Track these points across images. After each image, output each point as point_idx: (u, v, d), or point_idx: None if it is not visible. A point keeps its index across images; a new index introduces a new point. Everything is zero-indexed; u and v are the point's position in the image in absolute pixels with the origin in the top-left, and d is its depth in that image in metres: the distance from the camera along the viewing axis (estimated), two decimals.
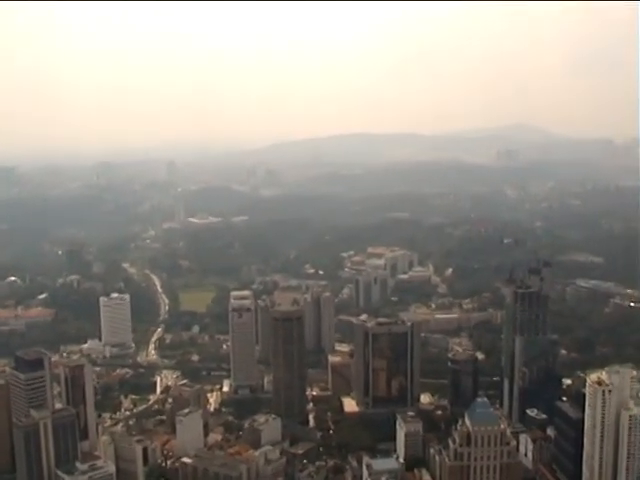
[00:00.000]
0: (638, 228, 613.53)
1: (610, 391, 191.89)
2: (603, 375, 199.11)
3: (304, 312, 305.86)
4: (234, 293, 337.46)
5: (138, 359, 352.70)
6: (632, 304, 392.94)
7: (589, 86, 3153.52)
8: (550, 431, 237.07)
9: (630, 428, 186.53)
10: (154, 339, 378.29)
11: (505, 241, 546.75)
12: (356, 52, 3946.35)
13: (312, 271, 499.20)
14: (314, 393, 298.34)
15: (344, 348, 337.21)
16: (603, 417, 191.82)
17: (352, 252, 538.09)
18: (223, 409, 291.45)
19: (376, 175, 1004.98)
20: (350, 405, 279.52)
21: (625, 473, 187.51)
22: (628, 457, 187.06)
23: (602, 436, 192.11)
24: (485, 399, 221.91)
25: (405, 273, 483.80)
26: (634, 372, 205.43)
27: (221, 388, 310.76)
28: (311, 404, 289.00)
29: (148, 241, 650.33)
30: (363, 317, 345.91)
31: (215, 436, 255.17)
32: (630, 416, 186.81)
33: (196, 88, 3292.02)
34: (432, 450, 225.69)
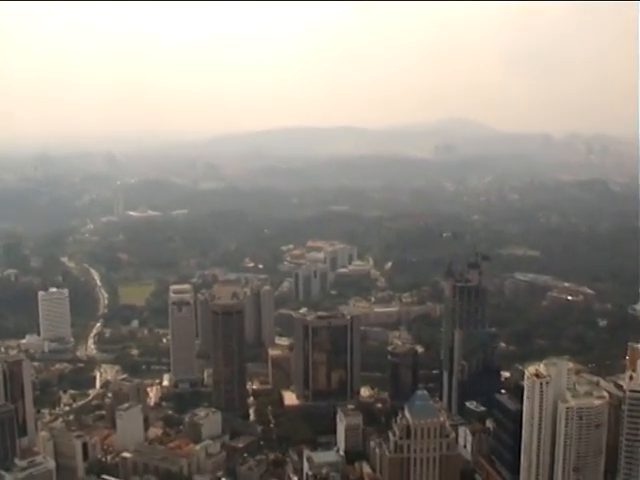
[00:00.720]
0: (575, 222, 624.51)
1: (548, 383, 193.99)
2: (541, 367, 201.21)
3: (244, 306, 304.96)
4: (173, 287, 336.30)
5: (77, 354, 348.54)
6: (569, 297, 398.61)
7: (528, 81, 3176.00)
8: (489, 423, 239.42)
9: (567, 419, 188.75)
10: (93, 333, 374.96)
11: (444, 235, 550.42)
12: (297, 46, 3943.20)
13: (252, 265, 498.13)
14: (254, 387, 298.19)
15: (284, 342, 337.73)
16: (541, 409, 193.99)
17: (292, 246, 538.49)
18: (163, 403, 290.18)
19: (316, 169, 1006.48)
20: (290, 398, 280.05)
21: (562, 463, 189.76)
22: (565, 448, 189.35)
23: (540, 427, 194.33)
24: (425, 392, 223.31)
25: (345, 267, 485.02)
26: (571, 364, 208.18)
27: (161, 382, 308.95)
28: (251, 398, 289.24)
29: (87, 235, 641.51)
30: (303, 311, 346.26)
31: (155, 430, 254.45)
32: (567, 407, 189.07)
33: (135, 81, 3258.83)
34: (372, 443, 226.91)
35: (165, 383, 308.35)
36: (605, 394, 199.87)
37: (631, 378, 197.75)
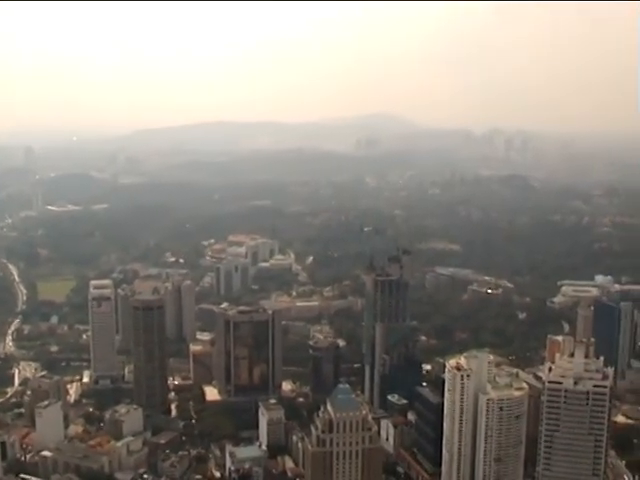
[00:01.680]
0: (495, 217, 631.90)
1: (468, 376, 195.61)
2: (462, 360, 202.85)
3: (165, 301, 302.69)
4: (93, 282, 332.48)
5: None
6: (489, 290, 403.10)
7: (450, 77, 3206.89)
8: (411, 416, 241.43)
9: (487, 411, 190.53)
10: (11, 330, 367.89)
11: (365, 229, 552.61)
12: (215, 40, 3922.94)
13: (173, 259, 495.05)
14: (176, 382, 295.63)
15: (205, 337, 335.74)
16: (462, 401, 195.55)
17: (213, 240, 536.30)
18: (84, 400, 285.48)
19: (238, 163, 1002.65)
20: (212, 394, 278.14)
21: (483, 454, 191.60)
22: (486, 439, 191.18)
23: (461, 419, 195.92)
24: (347, 385, 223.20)
25: (266, 261, 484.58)
26: (491, 357, 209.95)
27: (81, 379, 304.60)
28: (173, 393, 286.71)
29: (5, 230, 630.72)
30: (224, 305, 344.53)
31: (76, 428, 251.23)
32: (487, 399, 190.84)
33: (54, 75, 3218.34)
34: (295, 437, 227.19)
35: (85, 380, 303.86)
36: (525, 386, 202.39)
37: (550, 370, 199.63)
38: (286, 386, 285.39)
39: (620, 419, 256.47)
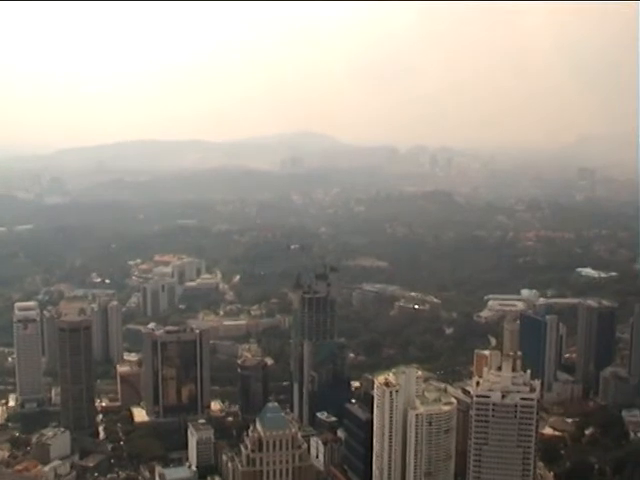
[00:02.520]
0: (421, 233, 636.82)
1: (397, 391, 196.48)
2: (390, 376, 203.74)
3: (91, 322, 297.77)
4: (18, 304, 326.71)
5: None
6: (416, 306, 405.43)
7: (375, 94, 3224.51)
8: (340, 433, 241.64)
9: (417, 426, 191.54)
10: None
11: (292, 247, 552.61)
12: (138, 57, 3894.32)
13: (99, 280, 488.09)
14: (103, 404, 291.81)
15: (133, 357, 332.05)
16: (391, 417, 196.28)
17: (139, 260, 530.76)
18: (9, 424, 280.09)
19: (163, 182, 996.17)
20: (140, 415, 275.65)
21: (413, 469, 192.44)
22: (415, 454, 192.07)
23: (390, 435, 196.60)
24: (275, 404, 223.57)
25: (193, 280, 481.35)
26: (419, 372, 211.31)
27: (7, 403, 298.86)
28: (101, 416, 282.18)
29: None
30: (151, 325, 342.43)
31: (2, 453, 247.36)
32: (417, 415, 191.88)
33: None
34: (224, 457, 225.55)
35: (11, 403, 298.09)
36: (453, 400, 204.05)
37: (477, 384, 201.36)
38: (215, 406, 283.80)
39: (547, 431, 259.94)
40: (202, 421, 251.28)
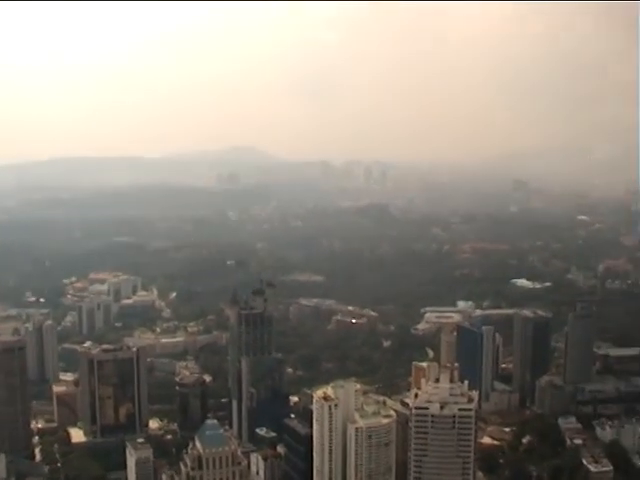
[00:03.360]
0: (357, 247, 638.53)
1: (336, 405, 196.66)
2: (329, 390, 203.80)
3: (26, 342, 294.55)
4: None
5: None
6: (353, 320, 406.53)
7: (309, 109, 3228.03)
8: (280, 448, 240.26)
9: (356, 440, 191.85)
10: None
11: (228, 263, 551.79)
12: (76, 77, 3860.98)
13: (33, 299, 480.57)
14: (39, 425, 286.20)
15: (69, 377, 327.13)
16: (330, 431, 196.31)
17: (74, 278, 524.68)
18: None
19: (98, 199, 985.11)
20: (78, 435, 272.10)
21: None
22: (356, 468, 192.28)
23: (330, 449, 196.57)
24: (214, 421, 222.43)
25: (129, 298, 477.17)
26: (358, 385, 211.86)
27: None
28: (37, 437, 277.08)
29: None
30: (87, 344, 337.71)
31: None
32: (356, 428, 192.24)
33: None
34: (164, 476, 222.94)
35: None
36: (392, 413, 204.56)
37: (416, 396, 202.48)
38: (153, 424, 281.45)
39: (486, 440, 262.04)
40: (141, 440, 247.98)
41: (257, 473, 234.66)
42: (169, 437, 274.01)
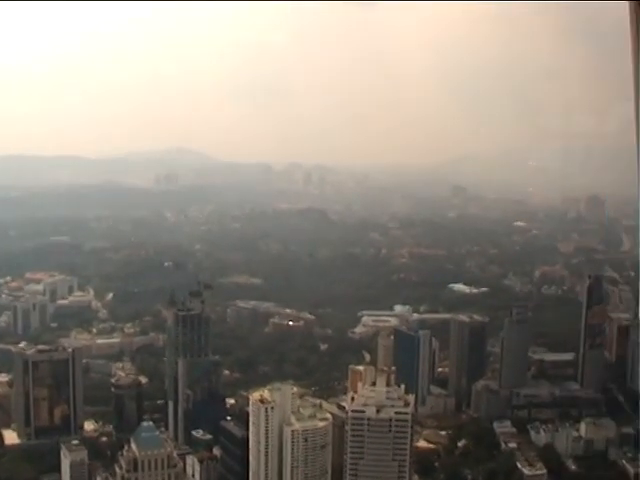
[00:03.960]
0: (295, 250, 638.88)
1: (272, 408, 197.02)
2: (265, 393, 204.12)
3: None
4: None
5: None
6: (290, 323, 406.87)
7: (250, 111, 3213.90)
8: (217, 450, 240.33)
9: (292, 443, 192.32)
10: None
11: (166, 264, 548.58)
12: (7, 72, 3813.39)
13: None
14: None
15: (3, 378, 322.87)
16: (267, 434, 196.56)
17: (9, 278, 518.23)
18: None
19: (35, 198, 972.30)
20: (11, 438, 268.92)
21: None
22: (292, 471, 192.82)
23: (267, 452, 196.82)
24: (150, 423, 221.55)
25: (65, 298, 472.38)
26: (294, 388, 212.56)
27: None
28: None
29: None
30: (22, 345, 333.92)
31: None
32: (292, 431, 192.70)
33: None
34: (99, 478, 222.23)
35: None
36: (328, 416, 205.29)
37: (352, 399, 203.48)
38: (89, 426, 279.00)
39: (422, 444, 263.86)
40: (75, 442, 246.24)
41: (193, 475, 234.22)
42: (104, 439, 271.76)
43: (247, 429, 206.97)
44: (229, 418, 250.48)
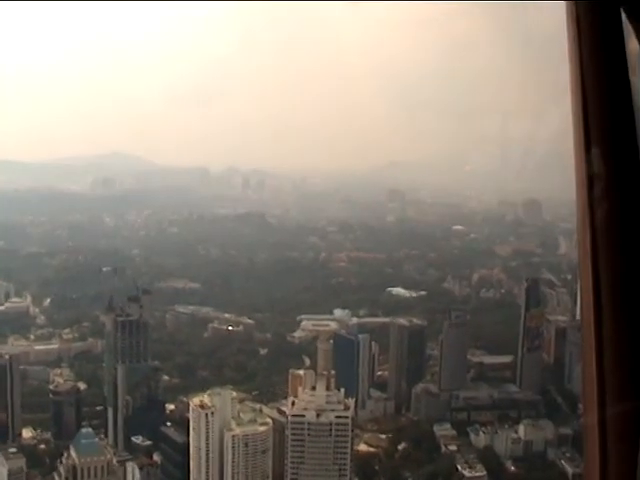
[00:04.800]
0: (234, 254, 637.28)
1: (212, 413, 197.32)
2: (205, 398, 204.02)
3: None
4: None
5: None
6: (230, 327, 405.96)
7: (189, 114, 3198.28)
8: (157, 457, 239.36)
9: (233, 448, 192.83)
10: None
11: (104, 269, 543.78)
12: None
13: None
14: None
15: None
16: (207, 439, 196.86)
17: None
18: None
19: None
20: None
21: None
22: (233, 475, 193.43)
23: (207, 458, 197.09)
24: (89, 429, 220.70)
25: (1, 304, 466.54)
26: (234, 393, 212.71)
27: None
28: None
29: None
30: None
31: None
32: (233, 436, 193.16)
33: None
34: None
35: None
36: (269, 420, 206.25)
37: (293, 403, 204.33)
38: (27, 433, 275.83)
39: (362, 447, 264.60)
40: (13, 450, 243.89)
41: None
42: (43, 447, 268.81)
43: (187, 435, 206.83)
44: (169, 424, 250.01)
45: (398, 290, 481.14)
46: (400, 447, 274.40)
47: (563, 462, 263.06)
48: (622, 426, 7.11)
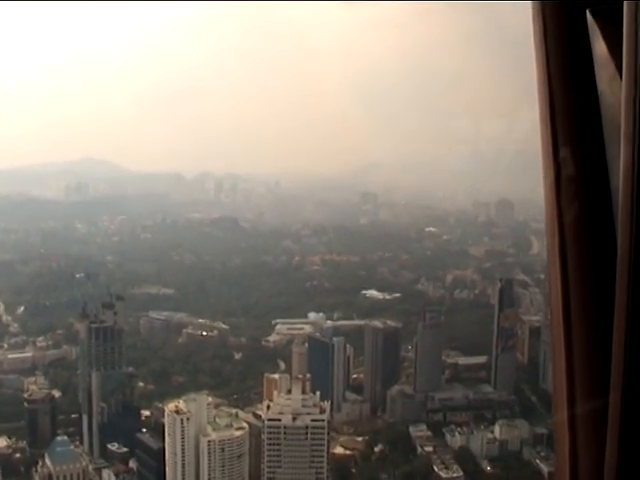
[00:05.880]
0: (208, 259, 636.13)
1: (188, 419, 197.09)
2: (180, 404, 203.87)
3: None
4: None
5: None
6: (204, 333, 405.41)
7: (161, 122, 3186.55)
8: (133, 463, 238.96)
9: (209, 453, 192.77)
10: None
11: (77, 276, 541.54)
12: None
13: None
14: None
15: None
16: (183, 445, 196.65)
17: None
18: None
19: None
20: None
21: None
22: None
23: (183, 463, 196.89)
24: (65, 437, 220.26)
25: None
26: (210, 398, 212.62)
27: None
28: None
29: None
30: None
31: None
32: (209, 441, 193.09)
33: None
34: None
35: None
36: (245, 425, 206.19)
37: (268, 407, 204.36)
38: (1, 442, 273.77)
39: (339, 450, 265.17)
40: None
41: None
42: (18, 455, 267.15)
43: (163, 441, 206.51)
44: (145, 430, 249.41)
45: (372, 292, 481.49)
46: (376, 449, 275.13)
47: (538, 461, 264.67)
48: (591, 424, 7.13)
